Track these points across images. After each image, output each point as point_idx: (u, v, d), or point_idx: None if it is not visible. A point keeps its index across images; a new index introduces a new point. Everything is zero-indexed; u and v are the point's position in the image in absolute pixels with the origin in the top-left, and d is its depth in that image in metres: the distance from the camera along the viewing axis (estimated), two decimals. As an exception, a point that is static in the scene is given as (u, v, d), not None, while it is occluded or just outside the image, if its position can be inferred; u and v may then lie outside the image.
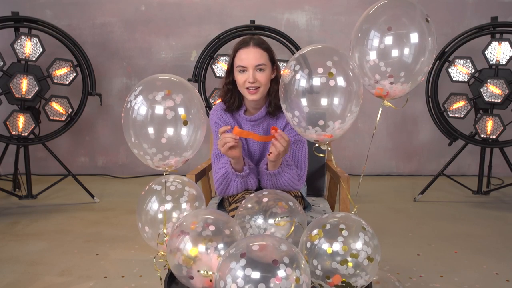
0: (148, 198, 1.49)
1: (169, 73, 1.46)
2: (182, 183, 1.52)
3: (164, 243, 1.43)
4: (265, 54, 1.74)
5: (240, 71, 1.74)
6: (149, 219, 1.48)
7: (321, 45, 1.41)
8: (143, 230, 1.50)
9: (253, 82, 1.72)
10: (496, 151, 3.92)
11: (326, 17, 4.32)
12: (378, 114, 1.44)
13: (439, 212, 3.36)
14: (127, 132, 1.35)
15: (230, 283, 1.07)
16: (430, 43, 1.34)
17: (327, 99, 1.31)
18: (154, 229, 1.48)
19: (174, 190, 1.49)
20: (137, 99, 1.32)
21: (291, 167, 1.79)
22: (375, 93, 1.40)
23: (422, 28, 1.33)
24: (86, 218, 3.22)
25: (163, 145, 1.32)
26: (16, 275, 2.31)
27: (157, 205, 1.47)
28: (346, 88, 1.32)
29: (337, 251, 1.24)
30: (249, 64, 1.71)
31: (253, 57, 1.71)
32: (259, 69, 1.72)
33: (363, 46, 1.36)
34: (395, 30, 1.32)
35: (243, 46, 1.74)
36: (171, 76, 1.40)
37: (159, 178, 1.53)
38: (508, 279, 2.26)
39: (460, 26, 4.17)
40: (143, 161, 1.38)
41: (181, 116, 1.31)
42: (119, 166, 4.54)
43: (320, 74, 1.30)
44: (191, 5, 4.32)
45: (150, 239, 1.49)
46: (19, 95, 3.38)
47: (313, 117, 1.33)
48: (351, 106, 1.34)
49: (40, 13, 4.21)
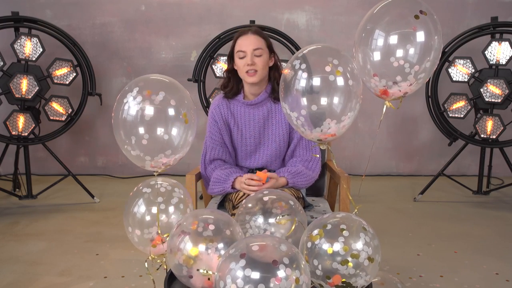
0: (135, 201, 1.46)
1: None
2: (171, 186, 1.50)
3: (159, 244, 1.41)
4: (262, 40, 1.88)
5: (240, 57, 1.86)
6: (137, 222, 1.44)
7: (322, 45, 1.42)
8: (133, 234, 1.46)
9: (251, 64, 1.84)
10: (496, 151, 3.92)
11: (326, 17, 4.32)
12: (381, 114, 1.43)
13: (439, 212, 3.36)
14: (117, 132, 1.36)
15: (230, 284, 1.07)
16: (437, 42, 1.32)
17: (327, 98, 1.32)
18: (142, 233, 1.44)
19: (163, 192, 1.46)
20: (125, 99, 1.35)
21: (300, 175, 1.90)
22: (379, 92, 1.39)
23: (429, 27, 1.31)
24: (86, 218, 3.22)
25: (144, 147, 1.32)
26: (16, 275, 2.31)
27: (144, 208, 1.44)
28: (346, 87, 1.33)
29: (337, 251, 1.24)
30: (247, 49, 1.84)
31: (251, 42, 1.85)
32: (257, 55, 1.85)
33: (390, 47, 1.31)
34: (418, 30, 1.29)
35: (242, 34, 1.88)
36: (162, 77, 1.41)
37: (148, 180, 1.50)
38: (508, 279, 2.26)
39: (460, 26, 4.17)
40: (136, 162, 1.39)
41: (182, 114, 1.34)
42: (119, 166, 4.54)
43: (324, 73, 1.32)
44: (191, 5, 4.31)
45: (138, 243, 1.46)
46: (19, 95, 3.38)
47: (315, 116, 1.34)
48: (351, 105, 1.35)
49: (40, 13, 4.21)
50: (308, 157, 1.96)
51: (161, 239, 1.42)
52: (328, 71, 1.32)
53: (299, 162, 1.94)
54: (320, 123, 1.36)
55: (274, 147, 1.97)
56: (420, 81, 1.35)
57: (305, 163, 1.94)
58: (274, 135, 1.96)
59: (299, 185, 1.90)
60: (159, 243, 1.42)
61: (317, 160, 1.97)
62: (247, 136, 1.98)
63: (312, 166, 1.96)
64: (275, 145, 1.96)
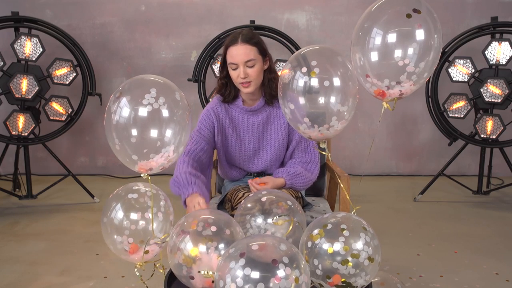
0: (113, 205, 1.38)
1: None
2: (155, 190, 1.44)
3: (137, 251, 1.36)
4: (254, 49, 1.79)
5: (233, 69, 1.80)
6: (115, 229, 1.36)
7: (319, 46, 1.42)
8: (115, 241, 1.37)
9: (244, 77, 1.78)
10: (496, 151, 3.91)
11: (326, 17, 4.32)
12: (380, 115, 1.43)
13: (439, 212, 3.36)
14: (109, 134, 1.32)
15: (230, 283, 1.07)
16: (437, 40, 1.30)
17: (325, 98, 1.33)
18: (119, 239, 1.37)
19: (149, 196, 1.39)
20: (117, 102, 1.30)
21: (299, 176, 1.88)
22: (374, 93, 1.39)
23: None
24: (86, 218, 3.22)
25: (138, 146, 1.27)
26: (16, 275, 2.31)
27: (122, 213, 1.36)
28: (342, 87, 1.34)
29: (338, 251, 1.24)
30: (239, 61, 1.77)
31: (242, 53, 1.77)
32: (249, 66, 1.78)
33: (397, 47, 1.27)
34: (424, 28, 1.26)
35: (232, 43, 1.79)
36: (157, 77, 1.35)
37: (129, 185, 1.44)
38: (508, 279, 2.26)
39: (460, 26, 4.17)
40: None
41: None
42: (119, 166, 4.53)
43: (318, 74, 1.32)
44: (191, 5, 4.31)
45: (120, 251, 1.39)
46: (19, 95, 3.38)
47: (313, 116, 1.34)
48: (348, 104, 1.36)
49: (40, 13, 4.21)
50: (307, 159, 1.94)
51: (137, 247, 1.35)
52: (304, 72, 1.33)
53: (298, 164, 1.93)
54: (317, 122, 1.36)
55: (274, 152, 1.95)
56: (421, 81, 1.32)
57: (304, 164, 1.93)
58: (273, 140, 1.94)
59: (297, 186, 1.88)
60: (137, 251, 1.35)
61: (316, 162, 1.95)
62: (246, 142, 1.95)
63: (311, 168, 1.94)
64: (275, 149, 1.95)
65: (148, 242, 1.36)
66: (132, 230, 1.36)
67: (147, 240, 1.36)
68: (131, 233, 1.36)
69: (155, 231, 1.37)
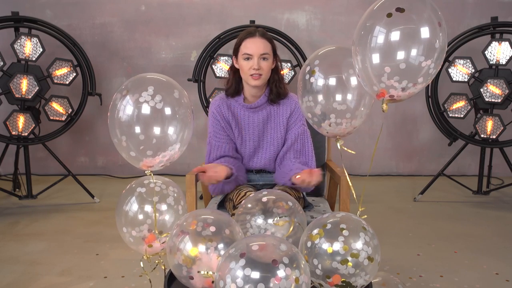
0: (128, 199, 1.44)
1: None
2: (165, 184, 1.49)
3: (153, 242, 1.40)
4: (269, 44, 1.87)
5: (246, 59, 1.85)
6: (129, 221, 1.42)
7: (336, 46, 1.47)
8: (128, 234, 1.43)
9: (258, 69, 1.83)
10: (496, 151, 3.91)
11: (326, 17, 4.32)
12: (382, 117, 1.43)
13: (439, 212, 3.36)
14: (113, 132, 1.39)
15: (230, 283, 1.07)
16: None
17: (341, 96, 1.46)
18: (135, 231, 1.42)
19: (158, 191, 1.45)
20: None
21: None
22: (379, 94, 1.36)
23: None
24: (86, 218, 3.22)
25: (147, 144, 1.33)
26: (16, 275, 2.31)
27: (137, 206, 1.42)
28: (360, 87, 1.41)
29: (337, 250, 1.24)
30: (254, 53, 1.83)
31: (259, 46, 1.84)
32: (263, 58, 1.85)
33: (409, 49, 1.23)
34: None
35: (250, 36, 1.87)
36: (159, 76, 1.41)
37: (141, 179, 1.49)
38: (508, 279, 2.26)
39: (460, 26, 4.17)
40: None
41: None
42: (119, 166, 4.54)
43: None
44: (191, 5, 4.32)
45: (133, 243, 1.44)
46: (19, 95, 3.38)
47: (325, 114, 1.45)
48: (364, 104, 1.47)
49: (40, 13, 4.21)
50: (302, 160, 1.95)
51: (154, 237, 1.40)
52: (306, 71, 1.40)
53: (298, 164, 1.93)
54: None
55: (273, 150, 1.97)
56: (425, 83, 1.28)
57: (304, 166, 1.92)
58: (272, 138, 1.97)
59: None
60: (153, 241, 1.41)
61: (313, 165, 1.96)
62: (247, 139, 1.98)
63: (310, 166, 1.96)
64: (274, 148, 1.97)
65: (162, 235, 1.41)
66: (153, 221, 1.41)
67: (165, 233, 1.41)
68: (151, 225, 1.40)
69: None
